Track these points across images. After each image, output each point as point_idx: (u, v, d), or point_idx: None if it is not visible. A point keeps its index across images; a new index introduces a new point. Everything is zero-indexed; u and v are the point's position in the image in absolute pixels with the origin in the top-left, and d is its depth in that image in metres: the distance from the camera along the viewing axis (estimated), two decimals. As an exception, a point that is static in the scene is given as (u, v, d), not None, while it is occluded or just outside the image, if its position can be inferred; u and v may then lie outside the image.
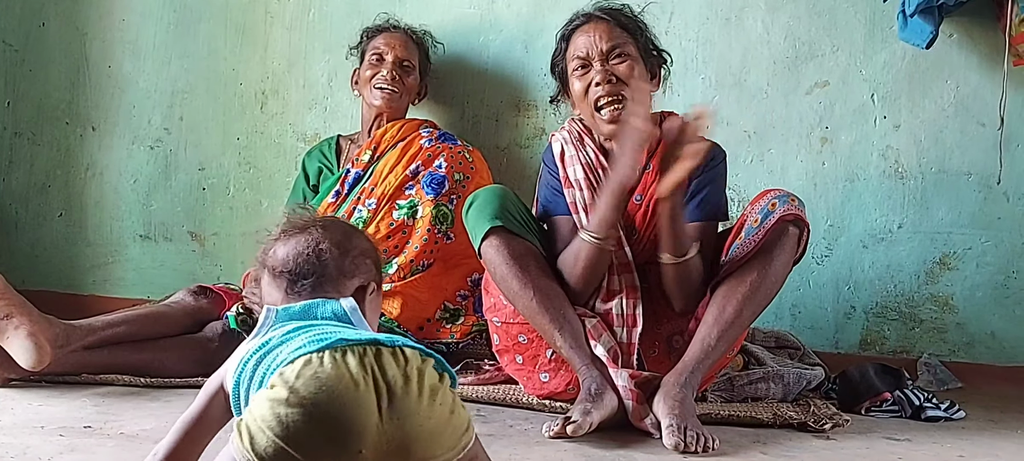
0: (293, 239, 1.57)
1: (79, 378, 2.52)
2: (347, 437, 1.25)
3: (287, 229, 1.60)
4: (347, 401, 1.26)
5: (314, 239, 1.56)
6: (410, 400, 1.30)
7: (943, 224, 3.31)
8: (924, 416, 2.62)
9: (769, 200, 2.47)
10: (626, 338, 2.49)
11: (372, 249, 1.63)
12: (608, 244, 2.46)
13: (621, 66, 2.57)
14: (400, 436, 1.28)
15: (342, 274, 1.54)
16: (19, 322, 2.40)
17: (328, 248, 1.55)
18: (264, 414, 1.27)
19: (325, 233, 1.57)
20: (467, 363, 2.82)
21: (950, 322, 3.32)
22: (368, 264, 1.59)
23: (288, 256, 1.56)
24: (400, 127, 3.20)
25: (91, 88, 3.65)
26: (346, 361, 1.29)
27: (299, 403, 1.26)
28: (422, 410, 1.30)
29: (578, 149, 2.63)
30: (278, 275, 1.55)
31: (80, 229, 3.68)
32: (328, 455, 1.25)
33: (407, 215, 3.03)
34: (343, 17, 3.54)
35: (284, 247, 1.57)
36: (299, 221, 1.62)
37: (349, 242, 1.58)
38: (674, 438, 2.11)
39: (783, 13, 3.36)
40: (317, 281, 1.52)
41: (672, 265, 2.45)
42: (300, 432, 1.25)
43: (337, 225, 1.62)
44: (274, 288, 1.56)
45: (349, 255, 1.57)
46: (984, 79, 3.28)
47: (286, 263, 1.55)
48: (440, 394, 1.34)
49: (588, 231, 2.46)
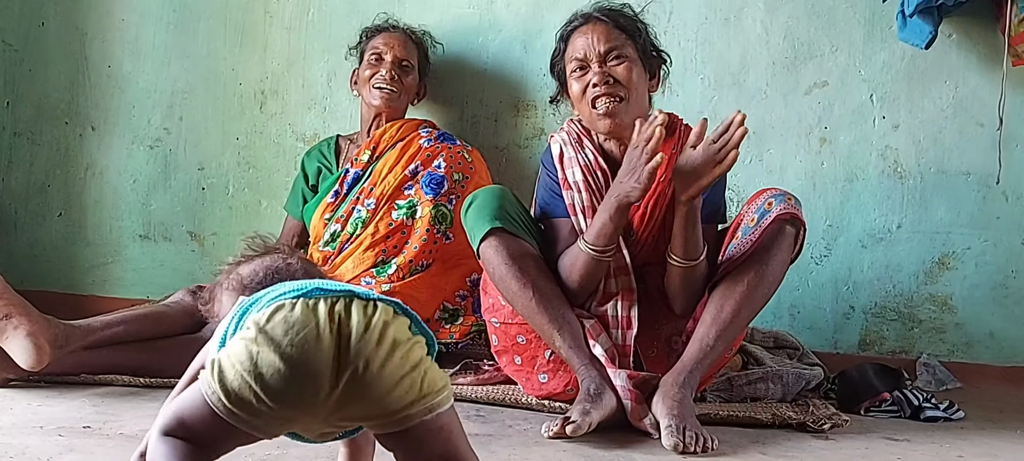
0: (258, 259, 1.62)
1: (78, 378, 2.52)
2: (308, 381, 1.30)
3: (248, 253, 1.65)
4: (310, 347, 1.30)
5: (281, 256, 1.60)
6: (366, 347, 1.32)
7: (942, 224, 3.32)
8: (923, 416, 2.62)
9: (766, 199, 2.47)
10: (621, 340, 2.49)
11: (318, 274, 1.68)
12: (606, 256, 2.46)
13: (619, 68, 2.57)
14: (352, 380, 1.31)
15: None
16: (18, 322, 2.40)
17: (296, 262, 1.60)
18: (237, 351, 1.32)
19: (290, 252, 1.62)
20: (466, 363, 2.81)
21: (949, 322, 3.33)
22: None
23: (256, 270, 1.59)
24: (399, 127, 3.21)
25: (91, 88, 3.65)
26: (317, 309, 1.33)
27: (268, 344, 1.31)
28: (377, 359, 1.32)
29: (577, 151, 2.63)
30: (246, 289, 1.57)
31: (79, 229, 3.68)
32: (290, 396, 1.30)
33: (406, 215, 3.03)
34: (342, 17, 3.54)
35: (250, 266, 1.61)
36: (261, 246, 1.66)
37: (310, 268, 1.63)
38: (673, 438, 2.11)
39: (782, 13, 3.37)
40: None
41: (681, 268, 2.45)
42: (266, 371, 1.29)
43: (295, 252, 1.69)
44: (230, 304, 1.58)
45: (312, 275, 1.59)
46: (983, 79, 3.28)
47: (255, 274, 1.58)
48: (402, 348, 1.35)
49: (587, 243, 2.45)
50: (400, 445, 1.39)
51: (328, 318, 1.32)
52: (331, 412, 1.34)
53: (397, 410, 1.35)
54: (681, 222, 2.40)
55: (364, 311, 1.35)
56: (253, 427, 1.32)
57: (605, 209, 2.42)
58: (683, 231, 2.40)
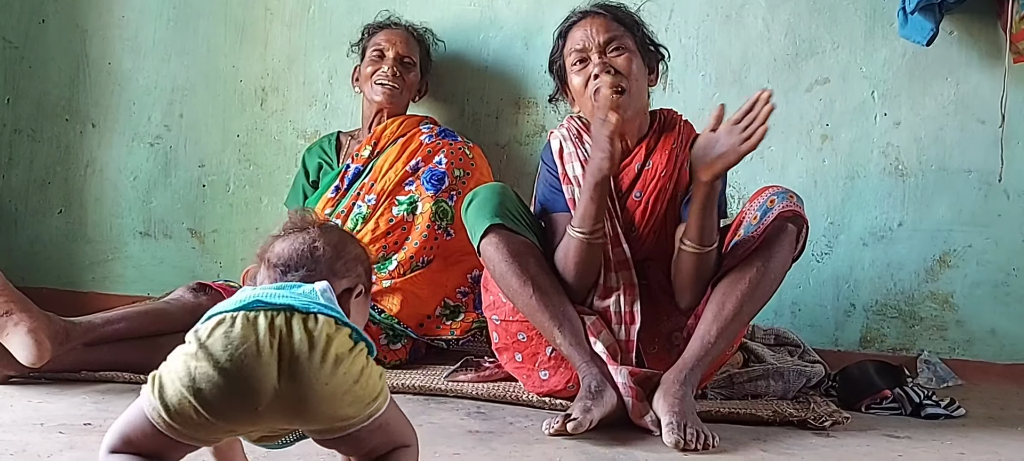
0: (291, 237, 1.62)
1: (79, 375, 2.52)
2: (247, 396, 1.32)
3: (287, 227, 1.65)
4: (249, 362, 1.33)
5: (310, 237, 1.60)
6: (311, 364, 1.34)
7: (943, 222, 3.31)
8: (924, 414, 2.61)
9: (768, 197, 2.47)
10: (624, 336, 2.49)
11: (365, 257, 1.68)
12: (595, 239, 2.45)
13: (619, 58, 2.57)
14: (296, 398, 1.33)
15: (332, 273, 1.57)
16: (19, 319, 2.40)
17: (322, 247, 1.59)
18: (177, 367, 1.34)
19: (322, 234, 1.61)
20: (467, 360, 2.81)
21: (950, 320, 3.32)
22: (359, 270, 1.63)
23: (284, 251, 1.60)
24: (400, 123, 3.20)
25: (91, 85, 3.65)
26: (256, 323, 1.35)
27: (207, 359, 1.33)
28: (322, 376, 1.34)
29: (577, 146, 2.63)
30: (272, 267, 1.59)
31: (80, 226, 3.68)
32: (229, 411, 1.33)
33: (407, 211, 3.03)
34: (343, 14, 3.54)
35: (282, 243, 1.61)
36: (299, 221, 1.66)
37: (344, 246, 1.63)
38: (674, 435, 2.11)
39: (783, 10, 3.36)
40: (307, 275, 1.55)
41: (694, 254, 2.43)
42: (204, 386, 1.32)
43: (334, 229, 1.68)
44: (266, 280, 1.60)
45: (342, 257, 1.60)
46: (984, 76, 3.28)
47: (280, 256, 1.59)
48: (346, 362, 1.37)
49: (575, 227, 2.45)
50: (338, 445, 1.43)
51: (268, 332, 1.34)
52: (273, 422, 1.36)
53: (339, 422, 1.37)
54: (698, 204, 2.38)
55: (305, 327, 1.36)
56: (195, 439, 1.36)
57: (585, 190, 2.43)
58: (700, 214, 2.39)
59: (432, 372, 2.79)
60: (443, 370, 2.78)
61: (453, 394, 2.58)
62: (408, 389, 2.59)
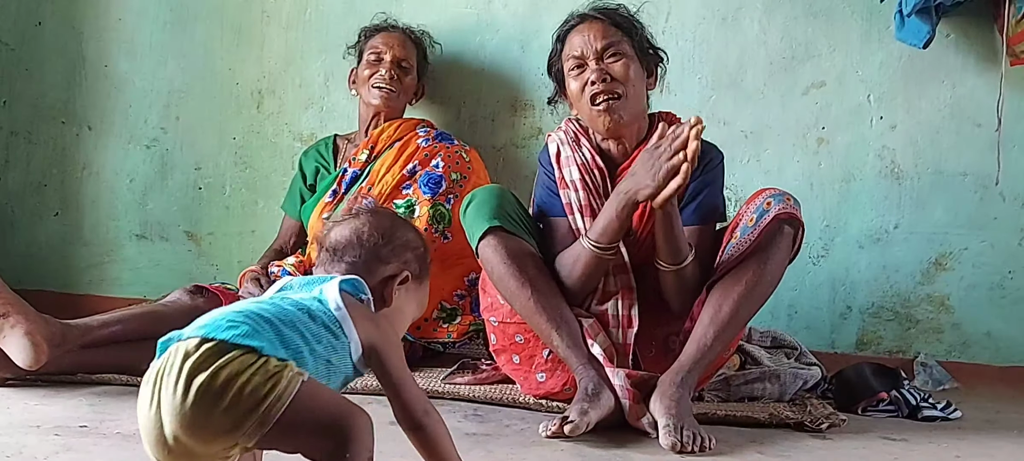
0: (344, 223, 1.69)
1: (75, 377, 2.52)
2: (143, 428, 1.37)
3: (345, 213, 1.73)
4: (142, 394, 1.37)
5: (359, 223, 1.67)
6: (168, 394, 1.34)
7: (939, 224, 3.32)
8: (920, 416, 2.62)
9: (764, 199, 2.47)
10: (622, 339, 2.49)
11: (417, 242, 1.71)
12: (609, 254, 2.45)
13: (616, 65, 2.57)
14: (165, 426, 1.34)
15: (377, 259, 1.64)
16: (15, 321, 2.40)
17: (370, 233, 1.65)
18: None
19: (371, 219, 1.68)
20: (464, 363, 2.81)
21: (946, 322, 3.33)
22: (408, 256, 1.67)
23: (335, 236, 1.67)
24: (397, 127, 3.20)
25: (87, 87, 3.65)
26: (164, 356, 1.39)
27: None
28: (177, 404, 1.33)
29: (574, 150, 2.63)
30: (324, 251, 1.66)
31: (76, 228, 3.67)
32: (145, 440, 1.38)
33: (404, 214, 3.03)
34: (340, 17, 3.54)
35: (337, 229, 1.68)
36: (361, 207, 1.74)
37: (393, 231, 1.68)
38: (671, 438, 2.11)
39: (780, 13, 3.36)
40: (352, 262, 1.63)
41: (669, 272, 2.45)
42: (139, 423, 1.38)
43: (386, 215, 1.74)
44: (319, 265, 1.67)
45: (390, 243, 1.66)
46: (981, 80, 3.28)
47: (331, 242, 1.66)
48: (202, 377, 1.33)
49: (591, 239, 2.44)
50: (272, 444, 1.39)
51: (160, 364, 1.38)
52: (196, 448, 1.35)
53: (214, 442, 1.35)
54: (659, 227, 2.39)
55: (184, 356, 1.35)
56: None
57: (612, 205, 2.40)
58: (664, 236, 2.39)
59: (429, 374, 2.79)
60: (440, 372, 2.78)
61: (450, 396, 2.57)
62: (405, 391, 2.59)
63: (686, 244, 2.44)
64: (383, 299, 1.64)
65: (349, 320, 1.50)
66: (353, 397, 2.50)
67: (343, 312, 1.50)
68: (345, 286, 1.54)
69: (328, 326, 1.48)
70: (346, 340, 1.50)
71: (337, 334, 1.49)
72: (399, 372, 1.55)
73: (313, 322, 1.46)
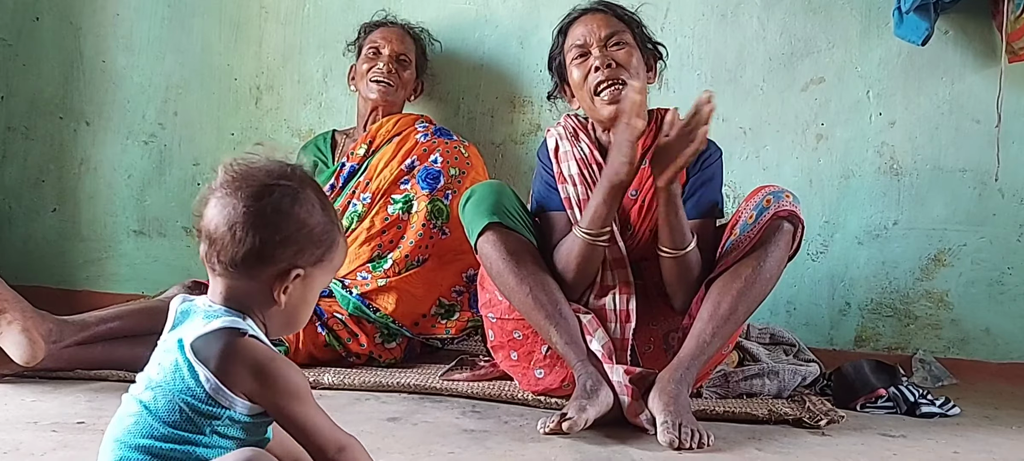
0: (224, 200, 1.41)
1: (72, 374, 2.52)
2: None
3: (225, 182, 1.42)
4: None
5: (235, 210, 1.39)
6: None
7: (938, 220, 3.31)
8: (919, 412, 2.62)
9: (764, 196, 2.47)
10: (620, 334, 2.49)
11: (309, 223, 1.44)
12: (601, 240, 2.46)
13: (620, 52, 2.59)
14: None
15: (258, 259, 1.40)
16: (12, 317, 2.40)
17: (244, 228, 1.39)
18: None
19: (250, 202, 1.40)
20: (462, 359, 2.81)
21: (945, 318, 3.33)
22: (298, 247, 1.42)
23: (208, 216, 1.42)
24: (396, 122, 3.20)
25: (85, 83, 3.64)
26: None
27: None
28: None
29: (573, 144, 2.63)
30: (199, 234, 1.43)
31: (73, 224, 3.67)
32: None
33: (402, 210, 3.03)
34: (338, 12, 3.53)
35: (212, 208, 1.42)
36: (241, 171, 1.43)
37: (276, 219, 1.41)
38: (669, 435, 2.11)
39: (779, 9, 3.36)
40: (226, 267, 1.40)
41: (671, 258, 2.45)
42: None
43: (268, 191, 1.42)
44: (202, 254, 1.44)
45: (274, 237, 1.40)
46: (979, 76, 3.28)
47: (203, 221, 1.42)
48: None
49: (581, 227, 2.45)
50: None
51: None
52: None
53: None
54: (662, 209, 2.41)
55: None
56: None
57: (598, 192, 2.43)
58: (666, 219, 2.41)
59: (427, 371, 2.79)
60: (438, 369, 2.78)
61: (448, 393, 2.57)
62: (403, 388, 2.59)
63: (688, 231, 2.45)
64: (272, 299, 1.43)
65: (224, 391, 1.36)
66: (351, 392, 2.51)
67: (214, 383, 1.35)
68: (193, 353, 1.36)
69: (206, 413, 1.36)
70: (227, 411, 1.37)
71: (215, 414, 1.36)
72: (301, 418, 1.38)
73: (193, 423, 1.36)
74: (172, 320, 1.45)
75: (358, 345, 2.86)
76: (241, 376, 1.36)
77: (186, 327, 1.41)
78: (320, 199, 1.48)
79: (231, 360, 1.36)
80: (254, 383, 1.36)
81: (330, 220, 1.48)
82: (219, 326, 1.38)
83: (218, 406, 1.36)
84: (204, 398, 1.36)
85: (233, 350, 1.36)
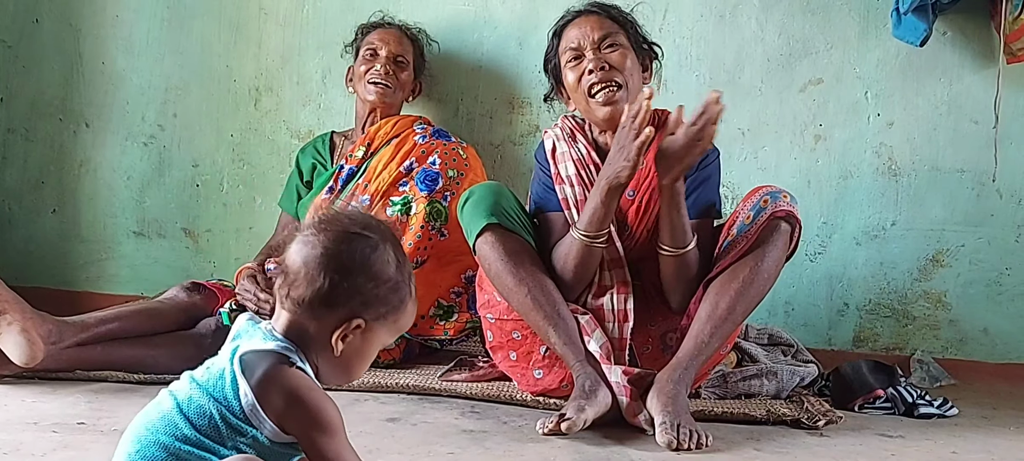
0: (306, 241, 1.45)
1: (72, 375, 2.52)
2: None
3: (312, 224, 1.48)
4: None
5: (314, 251, 1.43)
6: None
7: (936, 221, 3.32)
8: (917, 413, 2.62)
9: (761, 197, 2.47)
10: (618, 333, 2.49)
11: (382, 277, 1.45)
12: (598, 242, 2.46)
13: (613, 54, 2.59)
14: None
15: (324, 304, 1.42)
16: (12, 318, 2.40)
17: (318, 269, 1.42)
18: None
19: (331, 245, 1.43)
20: (461, 360, 2.81)
21: (943, 319, 3.33)
22: (365, 299, 1.44)
23: (291, 255, 1.45)
24: (394, 123, 3.20)
25: (85, 84, 3.65)
26: None
27: None
28: None
29: (570, 145, 2.63)
30: (278, 269, 1.46)
31: (73, 225, 3.67)
32: None
33: (401, 212, 3.03)
34: (337, 13, 3.53)
35: (296, 248, 1.45)
36: (329, 216, 1.48)
37: (350, 267, 1.43)
38: (667, 435, 2.12)
39: (777, 10, 3.36)
40: (297, 304, 1.43)
41: (671, 257, 2.45)
42: None
43: (351, 240, 1.45)
44: (276, 285, 1.47)
45: (342, 283, 1.42)
46: (978, 77, 3.28)
47: (286, 258, 1.45)
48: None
49: (580, 229, 2.46)
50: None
51: None
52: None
53: None
54: (665, 208, 2.42)
55: None
56: None
57: (596, 193, 2.43)
58: (668, 216, 2.42)
59: (426, 371, 2.80)
60: (437, 370, 2.78)
61: (447, 393, 2.58)
62: (402, 388, 2.59)
63: (689, 230, 2.45)
64: (329, 345, 1.44)
65: (258, 411, 1.37)
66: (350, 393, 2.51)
67: (251, 400, 1.37)
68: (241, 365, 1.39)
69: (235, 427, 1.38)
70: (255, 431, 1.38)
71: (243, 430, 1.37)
72: (331, 453, 1.37)
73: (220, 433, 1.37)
74: (235, 330, 1.47)
75: (357, 346, 2.86)
76: (278, 402, 1.37)
77: (246, 340, 1.43)
78: (398, 258, 1.49)
79: (271, 383, 1.37)
80: (289, 410, 1.37)
81: (403, 279, 1.49)
82: (272, 348, 1.41)
83: (249, 424, 1.37)
84: (239, 412, 1.37)
85: (276, 374, 1.38)
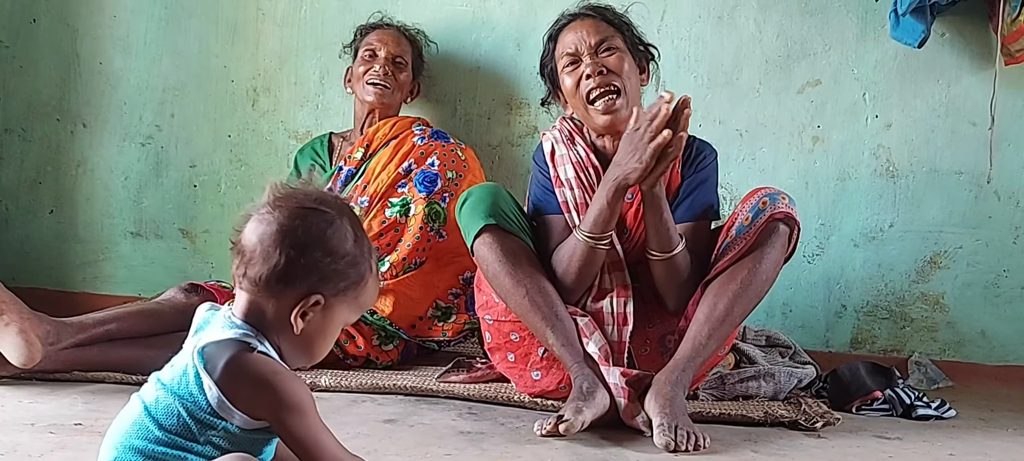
0: (260, 218, 1.44)
1: (70, 376, 2.52)
2: None
3: (267, 201, 1.47)
4: None
5: (269, 228, 1.42)
6: None
7: (934, 223, 3.32)
8: (915, 415, 2.62)
9: (760, 198, 2.47)
10: (617, 336, 2.49)
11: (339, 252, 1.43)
12: (603, 244, 2.46)
13: (611, 58, 2.58)
14: None
15: (282, 281, 1.40)
16: (9, 319, 2.40)
17: (273, 246, 1.41)
18: None
19: (285, 220, 1.42)
20: (458, 361, 2.81)
21: (941, 321, 3.33)
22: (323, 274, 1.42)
23: (246, 234, 1.44)
24: (392, 125, 3.20)
25: (82, 85, 3.64)
26: None
27: None
28: None
29: (569, 148, 2.63)
30: (234, 249, 1.45)
31: (71, 226, 3.67)
32: None
33: (399, 213, 3.03)
34: (335, 14, 3.53)
35: (251, 226, 1.45)
36: (284, 193, 1.46)
37: (305, 243, 1.41)
38: (665, 437, 2.11)
39: (775, 12, 3.37)
40: (254, 283, 1.41)
41: (660, 261, 2.45)
42: None
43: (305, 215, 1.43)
44: (233, 267, 1.46)
45: (299, 259, 1.41)
46: (975, 78, 3.29)
47: (242, 238, 1.44)
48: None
49: (584, 230, 2.45)
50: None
51: None
52: None
53: None
54: (648, 214, 2.42)
55: None
56: None
57: (602, 193, 2.42)
58: (652, 222, 2.42)
59: (424, 373, 2.79)
60: (435, 371, 2.78)
61: (445, 395, 2.57)
62: (400, 390, 2.59)
63: (676, 233, 2.45)
64: (290, 325, 1.42)
65: (226, 404, 1.36)
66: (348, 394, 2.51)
67: (216, 394, 1.35)
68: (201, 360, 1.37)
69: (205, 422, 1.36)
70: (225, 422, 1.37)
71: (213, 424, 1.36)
72: (303, 433, 1.36)
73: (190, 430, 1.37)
74: (196, 325, 1.46)
75: (355, 347, 2.86)
76: (243, 390, 1.35)
77: (205, 332, 1.42)
78: (355, 232, 1.47)
79: (234, 372, 1.35)
80: (256, 396, 1.35)
81: (362, 254, 1.47)
82: (231, 336, 1.39)
83: (218, 417, 1.36)
84: (206, 407, 1.36)
85: (238, 363, 1.36)
